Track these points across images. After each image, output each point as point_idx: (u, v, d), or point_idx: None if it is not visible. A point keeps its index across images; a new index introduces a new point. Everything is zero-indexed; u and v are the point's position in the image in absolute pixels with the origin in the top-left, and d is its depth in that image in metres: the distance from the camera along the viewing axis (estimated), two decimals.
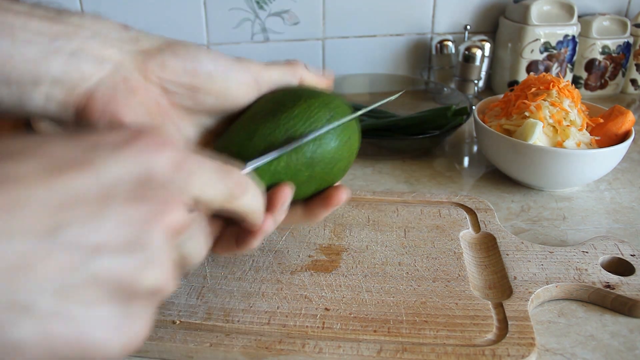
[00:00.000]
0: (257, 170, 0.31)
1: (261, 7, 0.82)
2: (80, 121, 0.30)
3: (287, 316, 0.38)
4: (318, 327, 0.37)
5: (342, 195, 0.35)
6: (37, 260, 0.17)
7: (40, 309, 0.17)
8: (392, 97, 0.39)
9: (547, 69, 0.81)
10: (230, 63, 0.33)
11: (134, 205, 0.20)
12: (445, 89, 0.79)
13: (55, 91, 0.29)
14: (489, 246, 0.46)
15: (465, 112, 0.65)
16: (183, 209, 0.22)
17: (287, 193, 0.32)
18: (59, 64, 0.28)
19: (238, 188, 0.26)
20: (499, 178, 0.60)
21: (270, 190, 0.32)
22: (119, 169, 0.20)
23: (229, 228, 0.33)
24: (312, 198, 0.36)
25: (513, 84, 0.82)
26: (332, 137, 0.34)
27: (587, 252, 0.44)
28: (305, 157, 0.33)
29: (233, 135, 0.33)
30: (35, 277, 0.17)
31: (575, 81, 0.85)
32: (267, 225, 0.30)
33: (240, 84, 0.33)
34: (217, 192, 0.25)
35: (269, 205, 0.31)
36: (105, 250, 0.19)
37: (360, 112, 0.37)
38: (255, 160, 0.31)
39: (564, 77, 0.82)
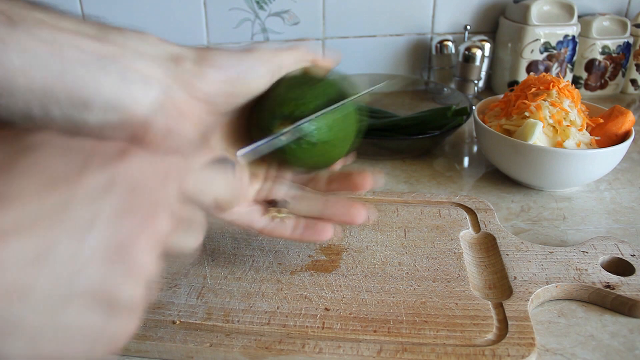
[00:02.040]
0: (320, 119, 0.35)
1: (261, 7, 0.82)
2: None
3: (287, 316, 0.38)
4: (318, 327, 0.37)
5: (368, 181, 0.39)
6: (28, 283, 0.18)
7: (29, 325, 0.18)
8: (379, 86, 0.43)
9: (547, 69, 0.81)
10: (250, 59, 0.35)
11: (119, 220, 0.21)
12: (445, 89, 0.79)
13: (110, 115, 0.29)
14: (489, 246, 0.46)
15: (465, 112, 0.65)
16: (167, 218, 0.23)
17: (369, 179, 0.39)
18: (109, 84, 0.29)
19: (231, 188, 0.27)
20: (499, 178, 0.60)
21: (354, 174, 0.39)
22: (107, 185, 0.21)
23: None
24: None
25: (513, 84, 0.82)
26: (354, 106, 0.39)
27: (587, 252, 0.44)
28: (343, 119, 0.37)
29: (282, 98, 0.36)
30: (26, 297, 0.18)
31: (575, 81, 0.85)
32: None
33: (263, 78, 0.36)
34: (208, 193, 0.26)
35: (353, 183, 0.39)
36: (90, 265, 0.20)
37: (372, 89, 0.42)
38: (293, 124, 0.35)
39: (564, 77, 0.82)
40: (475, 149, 0.70)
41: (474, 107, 0.63)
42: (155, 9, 0.81)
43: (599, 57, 0.82)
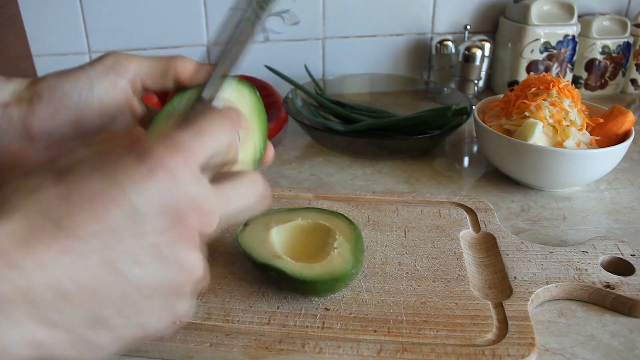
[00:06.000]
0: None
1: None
2: None
3: (287, 316, 0.38)
4: (318, 327, 0.37)
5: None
6: (105, 289, 0.23)
7: (112, 322, 0.23)
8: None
9: (547, 69, 0.81)
10: (92, 73, 0.32)
11: (166, 235, 0.24)
12: (445, 89, 0.79)
13: None
14: (489, 246, 0.46)
15: (465, 112, 0.65)
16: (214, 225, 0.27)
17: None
18: None
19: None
20: (499, 178, 0.60)
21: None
22: (147, 203, 0.24)
23: None
24: None
25: (513, 84, 0.82)
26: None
27: (587, 252, 0.44)
28: None
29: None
30: (105, 301, 0.23)
31: (575, 81, 0.85)
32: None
33: (110, 87, 0.32)
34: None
35: None
36: (148, 271, 0.24)
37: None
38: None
39: (564, 77, 0.82)
40: (475, 149, 0.70)
41: (474, 107, 0.63)
42: (155, 9, 0.81)
43: (599, 57, 0.82)
